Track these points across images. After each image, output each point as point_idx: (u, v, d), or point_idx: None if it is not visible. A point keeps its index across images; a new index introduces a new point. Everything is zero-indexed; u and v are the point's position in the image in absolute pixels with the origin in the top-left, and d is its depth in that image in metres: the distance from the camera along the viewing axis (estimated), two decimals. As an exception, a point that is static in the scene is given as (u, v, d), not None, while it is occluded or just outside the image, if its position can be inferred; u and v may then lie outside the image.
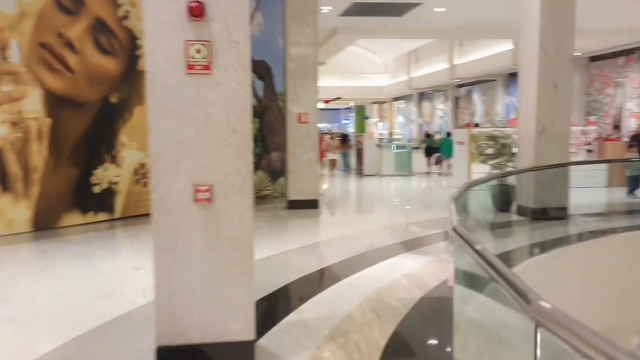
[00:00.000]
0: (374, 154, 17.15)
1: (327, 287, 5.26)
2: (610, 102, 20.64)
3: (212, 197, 3.49)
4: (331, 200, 12.32)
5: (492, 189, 9.79)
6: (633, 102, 19.81)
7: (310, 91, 10.30)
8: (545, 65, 8.88)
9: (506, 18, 15.44)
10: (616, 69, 20.37)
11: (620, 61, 20.28)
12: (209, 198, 3.49)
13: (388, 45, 30.09)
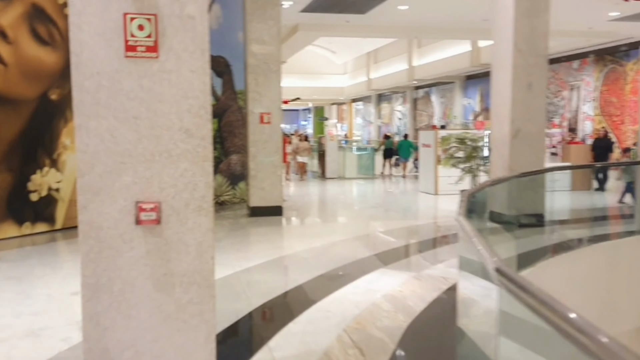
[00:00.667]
0: (336, 157, 16.43)
1: (298, 314, 4.45)
2: (566, 105, 20.62)
3: (160, 219, 2.64)
4: (296, 207, 11.51)
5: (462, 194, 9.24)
6: (588, 105, 19.81)
7: (273, 89, 9.46)
8: (519, 64, 8.33)
9: (469, 18, 15.01)
10: (571, 72, 20.36)
11: (575, 64, 20.26)
12: (156, 219, 2.64)
13: (347, 46, 29.47)
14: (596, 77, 19.31)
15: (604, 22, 15.39)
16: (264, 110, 9.44)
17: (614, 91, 18.57)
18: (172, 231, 2.66)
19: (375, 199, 12.50)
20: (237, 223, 9.06)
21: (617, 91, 18.58)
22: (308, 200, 12.65)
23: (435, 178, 12.31)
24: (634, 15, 14.32)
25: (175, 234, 2.66)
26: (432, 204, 11.30)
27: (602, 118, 19.33)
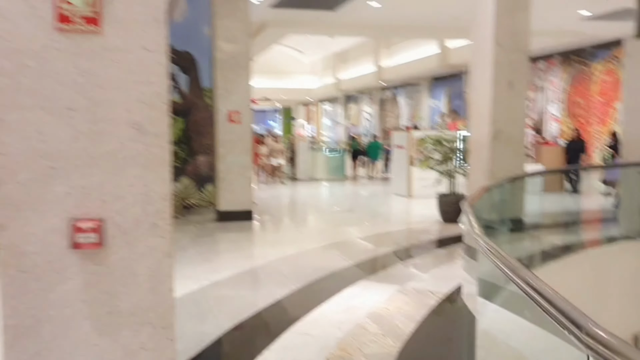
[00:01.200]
0: (307, 158, 15.85)
1: (273, 339, 3.85)
2: (532, 106, 20.55)
3: (102, 241, 2.01)
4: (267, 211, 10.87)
5: (439, 198, 8.76)
6: (554, 107, 19.78)
7: (242, 86, 8.82)
8: (500, 60, 7.90)
9: (441, 17, 14.65)
10: (537, 73, 20.31)
11: (541, 65, 20.22)
12: (97, 242, 2.00)
13: (315, 45, 28.94)
14: (562, 78, 19.30)
15: (574, 21, 15.25)
16: (233, 108, 8.78)
17: (580, 92, 18.57)
18: (118, 257, 2.02)
19: (348, 202, 11.95)
20: (205, 229, 8.38)
21: (583, 92, 18.58)
22: (280, 203, 12.01)
23: (408, 180, 11.85)
24: (605, 14, 14.21)
25: (122, 260, 2.03)
26: (407, 208, 10.83)
27: (569, 119, 19.33)
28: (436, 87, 25.97)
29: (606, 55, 17.83)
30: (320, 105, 37.63)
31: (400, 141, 12.20)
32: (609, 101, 17.79)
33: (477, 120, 8.27)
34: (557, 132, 19.56)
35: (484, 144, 8.08)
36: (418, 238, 7.78)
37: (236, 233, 7.92)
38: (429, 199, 11.38)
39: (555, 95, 19.59)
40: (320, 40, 27.72)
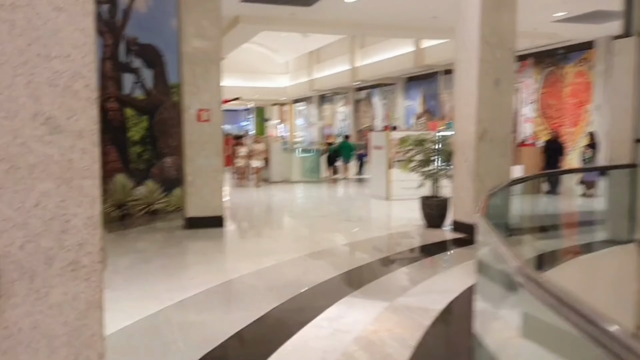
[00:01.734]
0: (281, 160, 15.21)
1: (249, 375, 3.23)
2: (507, 106, 20.31)
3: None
4: (240, 216, 10.20)
5: (422, 201, 8.24)
6: (528, 108, 19.57)
7: (212, 83, 8.14)
8: (486, 57, 7.44)
9: (419, 15, 14.19)
10: (513, 74, 20.04)
11: (515, 66, 19.95)
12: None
13: (289, 44, 28.29)
14: (536, 79, 19.09)
15: (548, 23, 14.98)
16: (203, 106, 8.10)
17: (553, 93, 18.37)
18: (21, 312, 1.38)
19: (325, 206, 11.34)
20: (172, 237, 7.68)
21: (556, 93, 18.40)
22: (254, 208, 11.32)
23: (387, 182, 11.33)
24: (579, 15, 13.95)
25: (27, 316, 1.39)
26: (387, 211, 10.29)
27: (542, 120, 19.15)
28: (411, 87, 25.60)
29: (578, 57, 17.66)
30: (294, 106, 36.99)
31: (379, 142, 11.67)
32: (580, 103, 17.63)
33: (462, 120, 7.80)
34: (530, 133, 19.35)
35: (469, 144, 7.61)
36: (403, 245, 7.24)
37: (206, 242, 7.24)
38: (409, 201, 10.89)
39: (529, 96, 19.38)
40: (294, 39, 27.08)
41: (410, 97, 25.74)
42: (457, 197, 7.84)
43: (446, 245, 7.21)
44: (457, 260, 6.31)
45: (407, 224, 8.52)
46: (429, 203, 8.18)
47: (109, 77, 9.18)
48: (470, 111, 7.56)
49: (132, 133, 9.50)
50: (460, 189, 7.77)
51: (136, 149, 9.52)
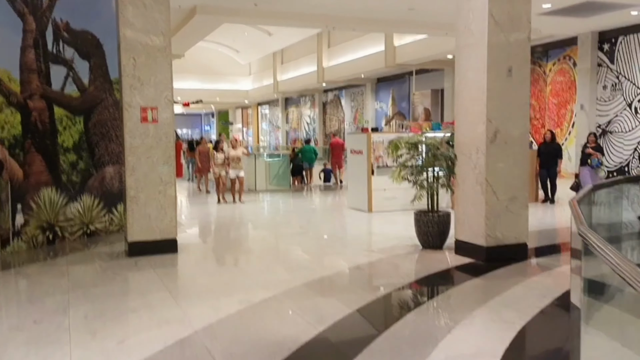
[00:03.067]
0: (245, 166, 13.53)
1: None
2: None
3: None
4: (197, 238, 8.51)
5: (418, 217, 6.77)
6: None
7: (160, 74, 6.47)
8: (497, 41, 6.04)
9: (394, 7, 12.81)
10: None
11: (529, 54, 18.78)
12: None
13: (252, 44, 26.64)
14: (513, 80, 17.97)
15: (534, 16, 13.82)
16: (147, 103, 6.43)
17: (533, 93, 17.32)
18: None
19: (299, 220, 9.69)
20: (109, 268, 5.96)
21: (537, 93, 17.36)
22: (214, 225, 9.58)
23: (368, 192, 9.85)
24: (565, 8, 12.83)
25: None
26: (371, 227, 8.78)
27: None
28: (381, 88, 24.34)
29: (559, 54, 16.67)
30: (258, 109, 35.27)
31: (358, 145, 10.18)
32: (563, 103, 16.63)
33: (468, 119, 6.37)
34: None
35: (478, 147, 6.19)
36: (400, 275, 5.73)
37: (150, 275, 5.56)
38: (393, 214, 9.45)
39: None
40: (257, 38, 25.46)
41: (380, 98, 24.49)
42: (461, 212, 6.39)
43: (456, 275, 5.74)
44: (478, 298, 4.83)
45: (399, 245, 7.03)
46: (425, 220, 6.71)
47: (32, 70, 7.38)
48: (478, 108, 6.14)
49: (64, 138, 7.72)
50: (466, 202, 6.33)
51: (69, 157, 7.75)
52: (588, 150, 10.59)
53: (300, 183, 15.51)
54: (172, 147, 6.57)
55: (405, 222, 8.49)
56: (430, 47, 17.72)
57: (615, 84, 14.56)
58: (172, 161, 6.53)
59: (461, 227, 6.41)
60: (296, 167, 15.17)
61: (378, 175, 9.89)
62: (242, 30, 24.31)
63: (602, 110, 14.99)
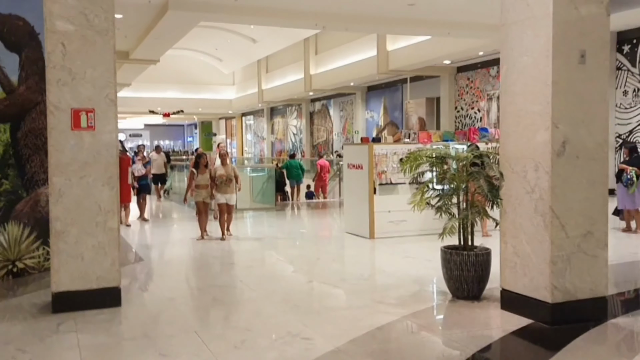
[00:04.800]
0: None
1: None
2: (484, 117, 17.58)
3: None
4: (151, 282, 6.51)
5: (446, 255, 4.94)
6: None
7: (102, 65, 4.59)
8: (565, 15, 4.26)
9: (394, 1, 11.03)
10: (489, 80, 17.36)
11: (493, 71, 17.31)
12: None
13: (235, 53, 24.77)
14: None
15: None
16: (82, 104, 4.54)
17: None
18: None
19: (289, 251, 7.70)
20: (17, 337, 4.01)
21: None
22: (179, 259, 7.36)
23: (370, 215, 7.99)
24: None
25: None
26: (379, 262, 6.90)
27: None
28: (372, 97, 22.60)
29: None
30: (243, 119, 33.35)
31: (356, 158, 8.34)
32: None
33: (520, 123, 4.56)
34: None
35: (536, 163, 4.39)
36: (446, 347, 3.88)
37: (73, 354, 3.64)
38: (401, 242, 7.62)
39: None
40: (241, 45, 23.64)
41: (371, 107, 22.75)
42: (511, 252, 4.58)
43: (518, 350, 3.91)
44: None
45: (421, 292, 5.19)
46: (458, 260, 4.87)
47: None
48: (537, 107, 4.34)
49: (-18, 151, 5.78)
50: (518, 238, 4.51)
51: (-11, 176, 5.80)
52: (620, 166, 8.88)
53: (283, 200, 13.67)
54: (115, 163, 4.65)
55: (419, 253, 6.66)
56: (425, 51, 16.04)
57: (637, 89, 12.97)
58: (115, 182, 4.61)
59: (511, 273, 4.58)
60: (278, 183, 13.28)
61: (381, 195, 8.07)
62: (224, 38, 22.50)
63: (623, 118, 13.36)
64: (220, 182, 8.14)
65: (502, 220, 4.72)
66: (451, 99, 18.71)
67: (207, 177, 8.20)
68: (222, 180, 8.13)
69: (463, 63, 17.65)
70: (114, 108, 4.59)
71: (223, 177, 8.14)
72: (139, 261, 7.05)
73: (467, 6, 11.10)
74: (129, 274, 6.05)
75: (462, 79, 18.36)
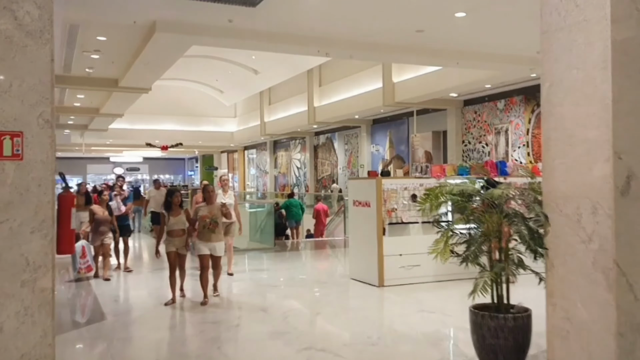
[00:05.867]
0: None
1: None
2: (492, 151, 16.64)
3: None
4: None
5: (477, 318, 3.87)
6: (518, 151, 15.87)
7: (34, 76, 3.61)
8: (627, 18, 3.32)
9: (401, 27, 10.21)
10: (496, 113, 16.51)
11: (500, 105, 16.46)
12: None
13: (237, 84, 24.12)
14: (527, 119, 15.51)
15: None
16: (6, 125, 3.55)
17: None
18: None
19: (284, 305, 6.47)
20: None
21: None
22: (142, 322, 5.94)
23: (379, 259, 6.91)
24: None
25: None
26: (390, 318, 5.78)
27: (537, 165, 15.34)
28: (377, 130, 21.75)
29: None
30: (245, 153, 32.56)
31: (363, 194, 7.31)
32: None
33: (571, 153, 3.61)
34: (524, 180, 15.52)
35: (593, 204, 3.34)
36: None
37: None
38: (415, 290, 6.54)
39: (519, 138, 15.76)
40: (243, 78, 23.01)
41: (376, 141, 21.88)
42: (561, 317, 3.51)
43: None
44: None
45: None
46: (493, 325, 3.80)
47: None
48: (593, 133, 3.34)
49: None
50: (570, 299, 3.45)
51: None
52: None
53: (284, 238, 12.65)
54: (51, 203, 3.63)
55: (436, 305, 5.57)
56: (432, 83, 15.29)
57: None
58: (50, 229, 3.59)
59: (562, 345, 3.49)
60: (278, 226, 12.16)
61: (391, 236, 7.02)
62: (225, 69, 21.88)
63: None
64: (202, 226, 6.27)
65: (549, 276, 3.66)
66: (458, 133, 17.86)
67: (183, 221, 6.35)
68: (204, 223, 6.25)
69: (470, 96, 16.87)
70: (50, 131, 3.60)
71: (206, 220, 6.23)
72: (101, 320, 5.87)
73: (476, 35, 10.33)
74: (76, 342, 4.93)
75: (469, 112, 17.55)
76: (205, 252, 6.33)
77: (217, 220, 6.37)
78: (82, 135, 24.19)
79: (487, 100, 16.64)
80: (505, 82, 14.65)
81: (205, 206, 6.51)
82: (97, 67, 12.94)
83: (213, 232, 6.33)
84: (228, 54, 19.24)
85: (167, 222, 6.37)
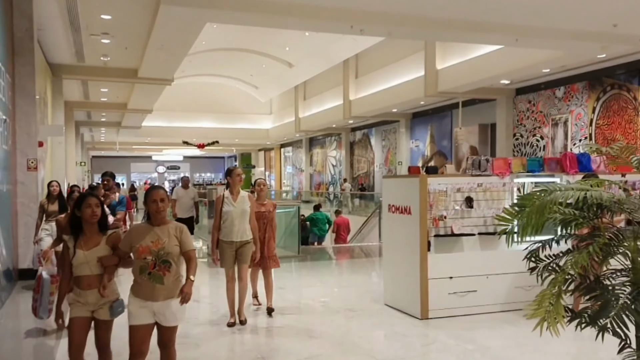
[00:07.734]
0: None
1: None
2: (547, 145, 14.27)
3: None
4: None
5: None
6: (579, 145, 13.44)
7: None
8: None
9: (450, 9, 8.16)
10: (554, 102, 14.12)
11: (559, 92, 14.05)
12: None
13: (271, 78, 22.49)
14: (591, 108, 13.08)
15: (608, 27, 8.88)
16: None
17: (618, 125, 12.34)
18: None
19: (294, 349, 4.73)
20: None
21: (624, 125, 12.32)
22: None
23: (422, 282, 4.95)
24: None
25: None
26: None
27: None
28: (417, 124, 19.60)
29: (655, 74, 11.71)
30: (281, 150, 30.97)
31: (400, 197, 5.35)
32: (665, 135, 11.54)
33: None
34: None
35: None
36: None
37: None
38: (468, 325, 4.56)
39: (581, 130, 13.34)
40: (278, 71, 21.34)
41: (416, 136, 19.75)
42: None
43: None
44: None
45: None
46: None
47: None
48: None
49: None
50: None
51: None
52: None
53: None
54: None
55: (503, 350, 3.57)
56: (481, 69, 13.06)
57: None
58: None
59: None
60: (303, 239, 10.47)
61: (438, 252, 5.05)
62: (260, 63, 20.28)
63: None
64: (141, 266, 3.02)
65: None
66: (509, 125, 15.55)
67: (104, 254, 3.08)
68: (143, 263, 3.01)
69: (523, 84, 14.51)
70: None
71: (143, 255, 3.01)
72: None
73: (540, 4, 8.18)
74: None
75: (522, 101, 15.21)
76: (141, 321, 3.05)
77: (170, 259, 3.02)
78: (118, 132, 23.19)
79: (543, 88, 14.27)
80: (567, 66, 12.26)
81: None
82: (111, 55, 11.51)
83: (159, 281, 3.01)
84: (261, 46, 17.59)
85: (71, 257, 3.06)
